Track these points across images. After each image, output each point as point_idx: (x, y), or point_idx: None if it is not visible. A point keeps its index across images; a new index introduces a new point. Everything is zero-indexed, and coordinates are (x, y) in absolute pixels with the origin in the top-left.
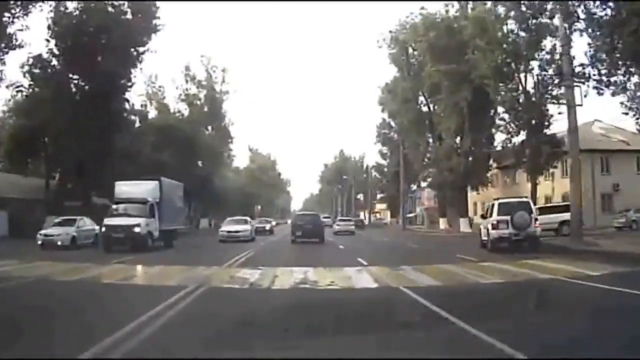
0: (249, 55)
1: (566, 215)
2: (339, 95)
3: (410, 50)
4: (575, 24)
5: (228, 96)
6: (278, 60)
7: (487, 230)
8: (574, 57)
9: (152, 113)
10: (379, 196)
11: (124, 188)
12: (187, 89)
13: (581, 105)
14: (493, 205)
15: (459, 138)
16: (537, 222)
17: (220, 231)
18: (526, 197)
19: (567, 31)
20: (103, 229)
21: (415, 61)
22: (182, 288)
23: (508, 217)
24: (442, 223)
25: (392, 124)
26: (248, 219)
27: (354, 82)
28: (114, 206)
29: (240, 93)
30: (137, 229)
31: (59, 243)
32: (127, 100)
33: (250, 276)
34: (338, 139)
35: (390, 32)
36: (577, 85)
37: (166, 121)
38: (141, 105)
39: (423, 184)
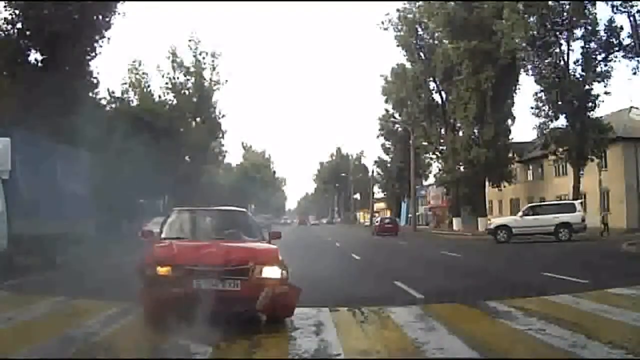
0: (245, 54)
1: (566, 216)
2: (335, 92)
3: (420, 31)
4: None
5: (219, 86)
6: (273, 59)
7: None
8: (621, 28)
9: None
10: (377, 195)
11: None
12: (174, 77)
13: None
14: None
15: (476, 128)
16: None
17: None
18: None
19: None
20: None
21: (424, 43)
22: None
23: None
24: (456, 224)
25: (397, 115)
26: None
27: (350, 80)
28: None
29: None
30: None
31: None
32: (91, 75)
33: None
34: (335, 137)
35: (397, 10)
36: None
37: (141, 106)
38: (122, 93)
39: (426, 182)
